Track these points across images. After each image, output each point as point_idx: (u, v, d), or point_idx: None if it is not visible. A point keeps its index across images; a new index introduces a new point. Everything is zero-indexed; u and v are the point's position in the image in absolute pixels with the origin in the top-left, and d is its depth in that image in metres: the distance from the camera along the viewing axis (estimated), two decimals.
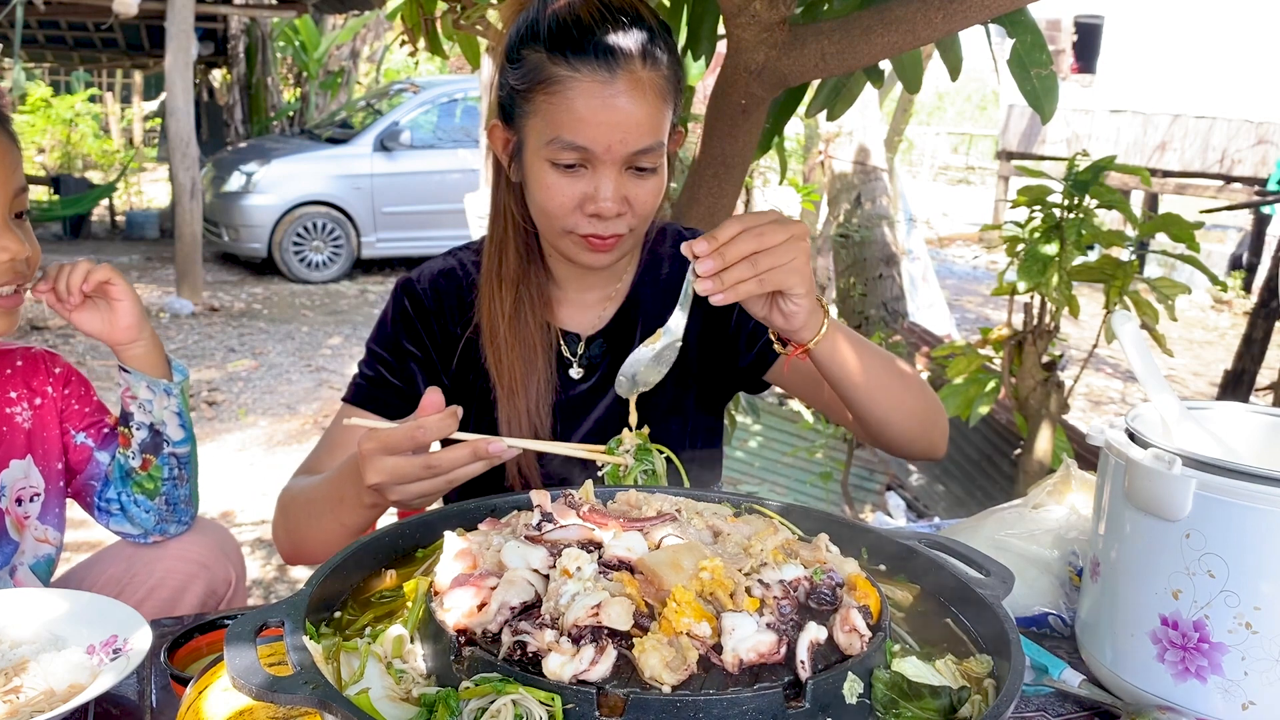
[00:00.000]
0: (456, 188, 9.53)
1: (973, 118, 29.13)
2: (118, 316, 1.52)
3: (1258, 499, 0.96)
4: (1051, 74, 1.87)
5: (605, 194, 1.33)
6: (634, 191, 1.36)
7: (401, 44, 2.65)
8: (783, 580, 0.87)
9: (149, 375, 1.55)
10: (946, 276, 11.66)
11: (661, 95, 1.34)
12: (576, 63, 1.30)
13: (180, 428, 1.60)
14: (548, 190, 1.35)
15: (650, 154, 1.34)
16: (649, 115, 1.32)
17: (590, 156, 1.32)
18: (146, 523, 1.61)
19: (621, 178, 1.34)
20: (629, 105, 1.30)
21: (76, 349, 7.17)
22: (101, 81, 17.84)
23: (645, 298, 1.58)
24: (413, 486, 1.16)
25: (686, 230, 1.65)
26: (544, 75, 1.32)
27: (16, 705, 1.06)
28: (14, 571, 1.55)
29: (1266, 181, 11.11)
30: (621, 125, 1.30)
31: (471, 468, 1.14)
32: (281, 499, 1.46)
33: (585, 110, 1.30)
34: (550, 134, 1.32)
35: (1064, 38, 13.41)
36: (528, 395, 1.47)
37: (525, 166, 1.39)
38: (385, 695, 0.79)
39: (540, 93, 1.33)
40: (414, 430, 1.13)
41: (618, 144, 1.31)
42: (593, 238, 1.37)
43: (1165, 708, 1.04)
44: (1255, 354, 4.49)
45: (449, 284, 1.55)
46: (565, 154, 1.32)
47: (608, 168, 1.33)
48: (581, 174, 1.34)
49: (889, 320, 6.18)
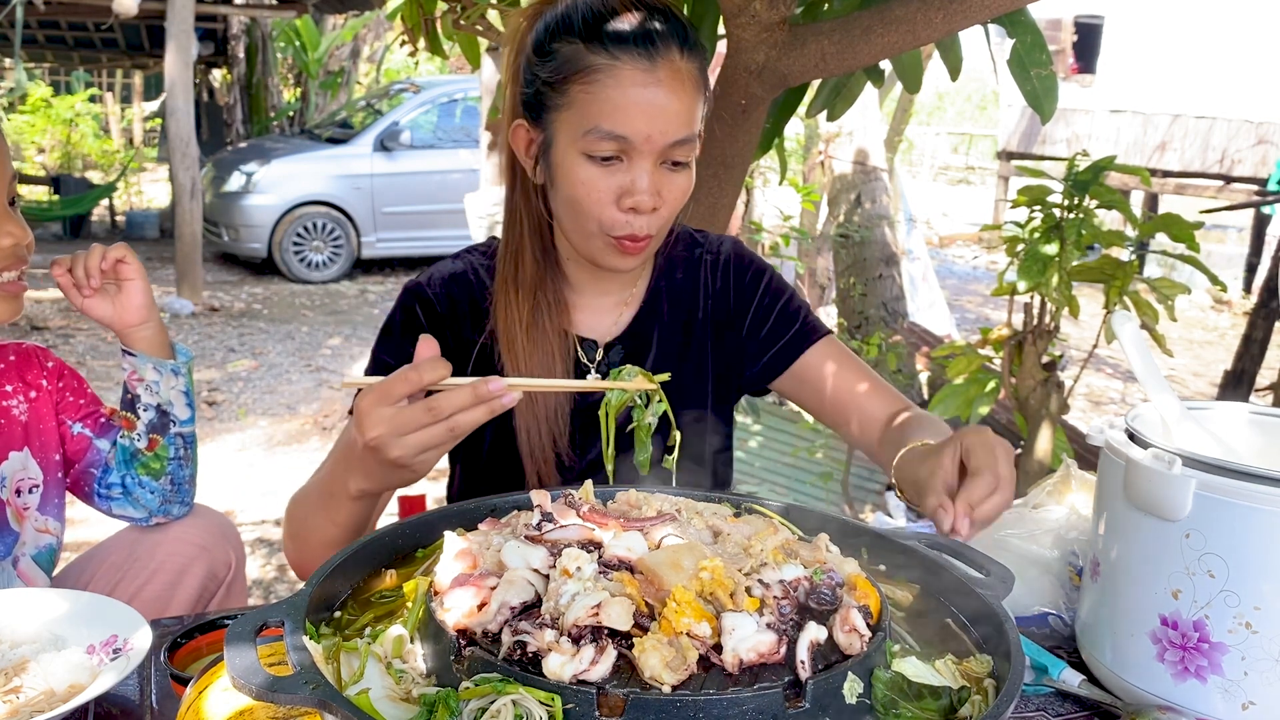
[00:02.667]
0: (456, 188, 9.53)
1: (973, 118, 29.13)
2: (128, 297, 1.55)
3: (1258, 499, 0.96)
4: (1051, 74, 1.87)
5: (642, 186, 1.31)
6: (667, 187, 1.35)
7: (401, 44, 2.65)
8: (783, 580, 0.87)
9: (156, 358, 1.58)
10: (946, 276, 11.66)
11: (697, 87, 1.34)
12: (617, 50, 1.29)
13: (187, 406, 1.64)
14: (583, 185, 1.33)
15: (685, 146, 1.33)
16: (687, 106, 1.31)
17: (628, 148, 1.30)
18: (151, 504, 1.64)
19: (657, 171, 1.33)
20: (669, 94, 1.29)
21: (76, 349, 7.17)
22: (101, 81, 17.84)
23: (662, 303, 1.56)
24: (415, 436, 1.07)
25: (697, 232, 1.64)
26: (581, 65, 1.30)
27: (16, 705, 1.06)
28: (16, 562, 1.57)
29: (1266, 181, 11.11)
30: (662, 115, 1.29)
31: (474, 413, 1.07)
32: (286, 511, 1.43)
33: (626, 99, 1.28)
34: (588, 124, 1.30)
35: (1064, 38, 13.40)
36: (546, 404, 1.44)
37: (555, 164, 1.36)
38: (385, 695, 0.79)
39: (576, 83, 1.31)
40: (409, 372, 1.07)
41: (658, 134, 1.29)
42: (626, 240, 1.35)
43: (1165, 708, 1.04)
44: (1255, 354, 4.49)
45: (461, 288, 1.52)
46: (604, 144, 1.30)
47: (645, 159, 1.31)
48: (617, 167, 1.32)
49: (889, 320, 6.18)
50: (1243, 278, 11.48)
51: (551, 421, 1.45)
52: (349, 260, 10.33)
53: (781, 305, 1.59)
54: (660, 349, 1.55)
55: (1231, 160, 11.96)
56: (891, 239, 6.55)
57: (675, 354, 1.55)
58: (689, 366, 1.56)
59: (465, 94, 10.73)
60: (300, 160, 10.40)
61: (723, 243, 1.64)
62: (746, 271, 1.61)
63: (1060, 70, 12.96)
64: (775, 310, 1.59)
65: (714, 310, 1.59)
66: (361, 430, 1.09)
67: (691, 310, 1.58)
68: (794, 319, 1.59)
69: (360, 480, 1.20)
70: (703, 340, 1.58)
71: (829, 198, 6.72)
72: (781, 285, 1.62)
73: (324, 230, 10.17)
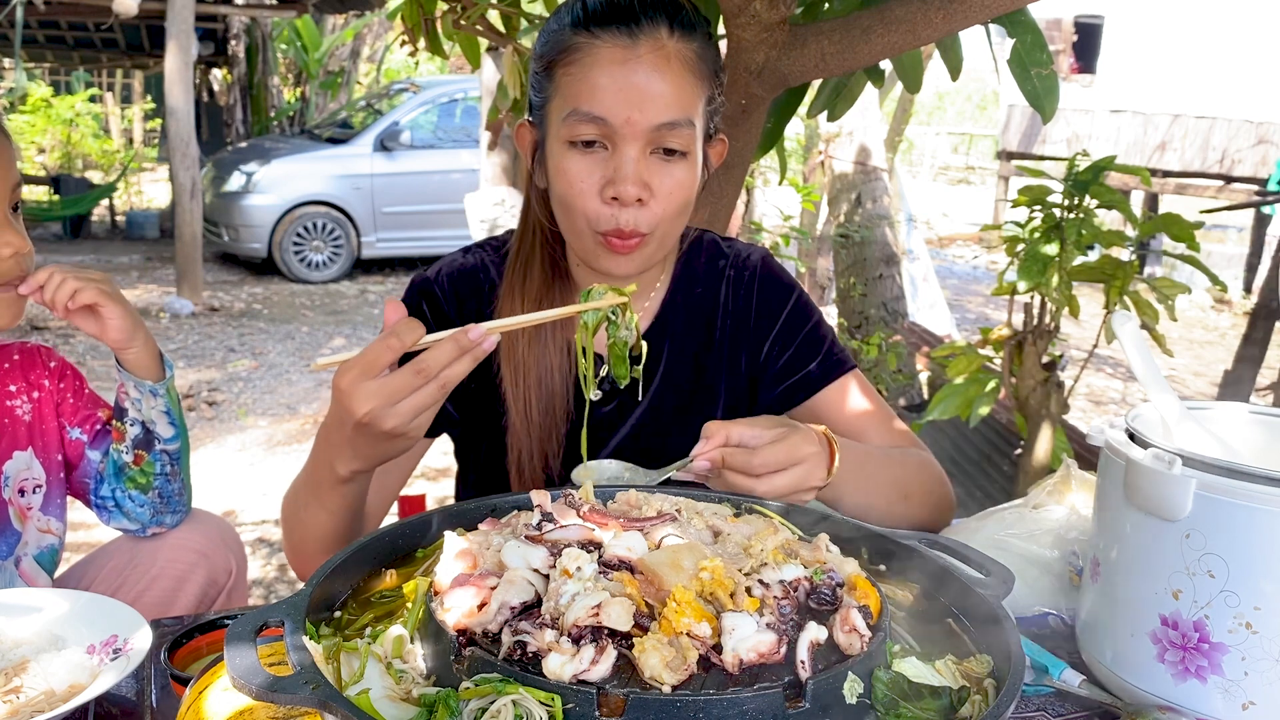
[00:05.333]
0: (456, 188, 9.53)
1: (973, 118, 29.13)
2: (107, 330, 1.52)
3: (1258, 499, 0.96)
4: (1052, 74, 1.87)
5: (624, 173, 1.23)
6: (658, 178, 1.26)
7: (401, 44, 2.65)
8: (783, 580, 0.87)
9: (137, 377, 1.57)
10: (947, 276, 11.66)
11: (690, 69, 1.26)
12: (598, 30, 1.24)
13: (170, 425, 1.62)
14: (566, 176, 1.27)
15: (676, 131, 1.24)
16: (675, 88, 1.23)
17: (609, 131, 1.23)
18: (142, 516, 1.63)
19: (644, 159, 1.25)
20: (652, 74, 1.22)
21: (77, 349, 7.17)
22: (101, 81, 17.84)
23: (676, 319, 1.49)
24: (408, 402, 1.04)
25: (725, 241, 1.56)
26: (563, 46, 1.26)
27: (16, 705, 1.06)
28: (19, 562, 1.57)
29: (1266, 181, 11.11)
30: (642, 95, 1.22)
31: (459, 365, 1.04)
32: (280, 513, 1.40)
33: (603, 77, 1.22)
34: (568, 108, 1.25)
35: (1064, 38, 13.40)
36: (544, 420, 1.39)
37: (547, 160, 1.31)
38: (385, 695, 0.79)
39: (559, 66, 1.26)
40: (388, 339, 1.03)
41: (639, 116, 1.22)
42: (612, 237, 1.27)
43: (1165, 708, 1.04)
44: (1255, 354, 4.49)
45: (470, 285, 1.47)
46: (582, 127, 1.23)
47: (629, 144, 1.23)
48: (601, 154, 1.25)
49: (889, 320, 6.18)
50: (1243, 278, 11.48)
51: (546, 443, 1.40)
52: (349, 260, 10.33)
53: (806, 333, 1.50)
54: (669, 369, 1.48)
55: (1231, 160, 11.96)
56: (892, 239, 6.55)
57: (686, 376, 1.49)
58: (699, 390, 1.49)
59: (465, 94, 10.74)
60: (300, 160, 10.41)
61: (750, 254, 1.54)
62: (772, 290, 1.52)
63: (1060, 70, 12.97)
64: (799, 337, 1.50)
65: (732, 330, 1.50)
66: (350, 409, 1.04)
67: (709, 329, 1.50)
68: (817, 348, 1.50)
69: (351, 461, 1.14)
70: (717, 363, 1.50)
71: (829, 198, 6.72)
72: (808, 309, 1.53)
73: (324, 230, 10.17)
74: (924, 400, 5.18)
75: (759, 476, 1.16)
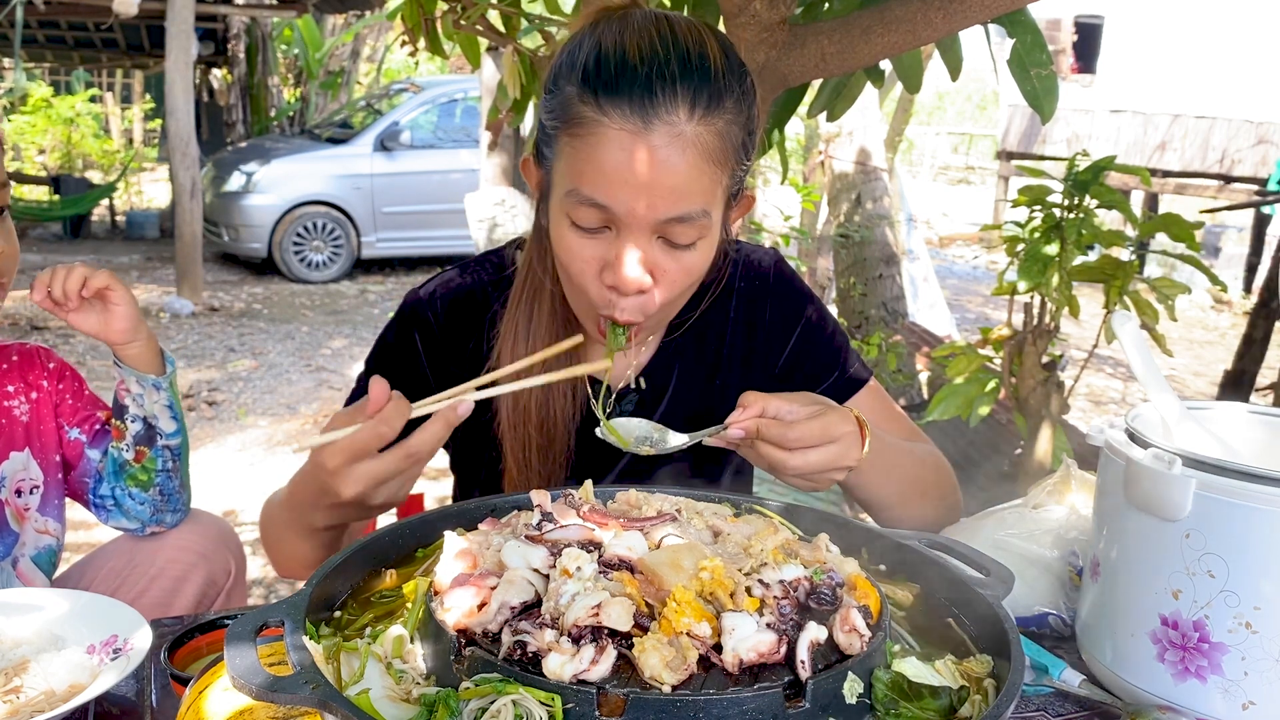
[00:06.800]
0: (456, 188, 9.54)
1: (973, 118, 29.13)
2: (113, 320, 1.53)
3: (1258, 499, 0.96)
4: (1051, 74, 1.87)
5: (625, 265, 1.12)
6: (666, 264, 1.15)
7: (401, 44, 2.65)
8: (783, 580, 0.87)
9: (139, 371, 1.57)
10: (947, 276, 11.66)
11: (711, 157, 1.12)
12: (606, 105, 1.09)
13: (172, 419, 1.63)
14: (567, 250, 1.17)
15: (686, 225, 1.12)
16: (689, 178, 1.10)
17: (612, 218, 1.12)
18: (142, 515, 1.63)
19: (651, 246, 1.14)
20: (663, 164, 1.09)
21: (76, 349, 7.17)
22: (101, 81, 17.84)
23: (685, 341, 1.43)
24: (395, 480, 1.09)
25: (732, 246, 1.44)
26: (570, 115, 1.12)
27: (16, 705, 1.06)
28: (16, 563, 1.57)
29: (1266, 181, 11.11)
30: (651, 187, 1.09)
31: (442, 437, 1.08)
32: (259, 519, 1.40)
33: (609, 163, 1.09)
34: (569, 184, 1.14)
35: (1064, 38, 13.41)
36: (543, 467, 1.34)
37: (550, 215, 1.21)
38: (385, 695, 0.79)
39: (565, 134, 1.14)
40: (377, 428, 1.05)
41: (644, 208, 1.10)
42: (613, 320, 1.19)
43: (1165, 708, 1.04)
44: (1255, 354, 4.49)
45: (465, 307, 1.40)
46: (583, 211, 1.13)
47: (633, 234, 1.12)
48: (604, 236, 1.14)
49: (889, 320, 6.18)
50: (1243, 278, 11.47)
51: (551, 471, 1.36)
52: (349, 260, 10.34)
53: (822, 345, 1.45)
54: (679, 389, 1.43)
55: (1231, 160, 11.96)
56: (892, 239, 6.55)
57: (696, 396, 1.44)
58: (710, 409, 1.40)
59: (465, 94, 10.75)
60: (300, 160, 10.42)
61: (762, 261, 1.46)
62: (785, 298, 1.45)
63: (1060, 70, 12.97)
64: (814, 351, 1.45)
65: (743, 343, 1.44)
66: (337, 491, 1.09)
67: (719, 343, 1.44)
68: (834, 363, 1.44)
69: (330, 519, 1.20)
70: (727, 378, 1.44)
71: (829, 198, 6.72)
72: (823, 319, 1.47)
73: (324, 230, 10.17)
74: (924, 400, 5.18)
75: (792, 450, 1.15)
